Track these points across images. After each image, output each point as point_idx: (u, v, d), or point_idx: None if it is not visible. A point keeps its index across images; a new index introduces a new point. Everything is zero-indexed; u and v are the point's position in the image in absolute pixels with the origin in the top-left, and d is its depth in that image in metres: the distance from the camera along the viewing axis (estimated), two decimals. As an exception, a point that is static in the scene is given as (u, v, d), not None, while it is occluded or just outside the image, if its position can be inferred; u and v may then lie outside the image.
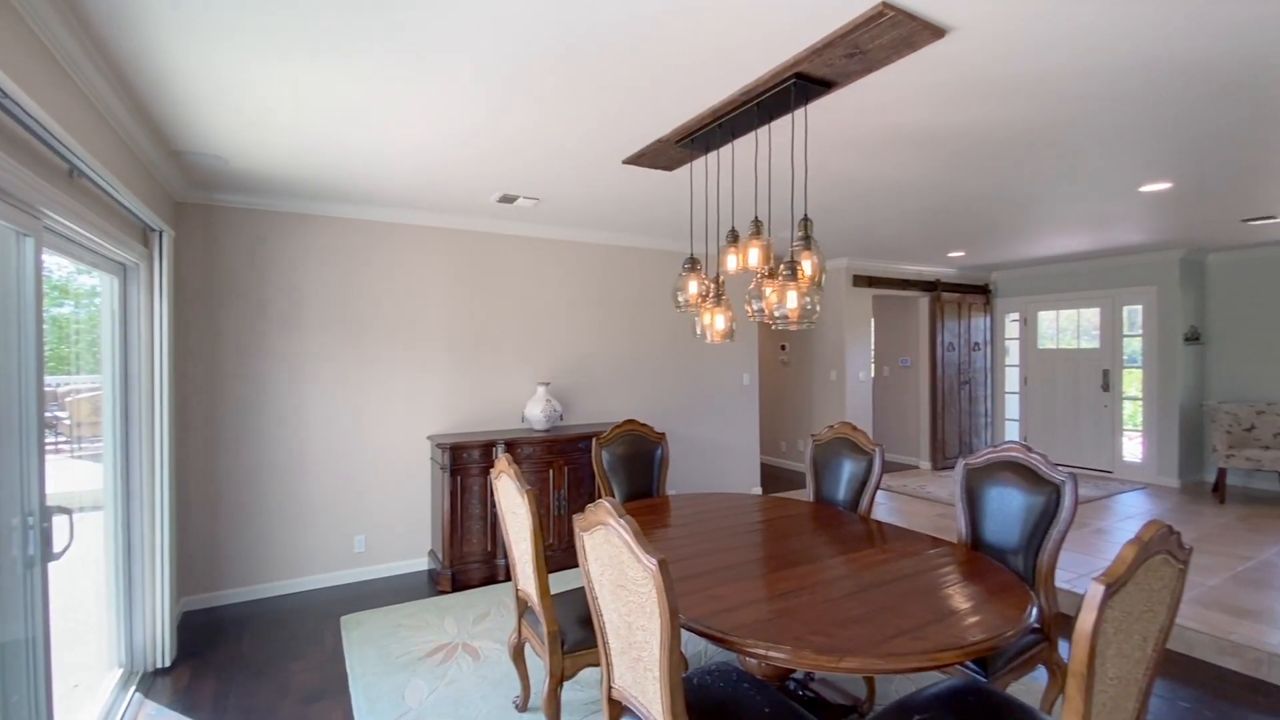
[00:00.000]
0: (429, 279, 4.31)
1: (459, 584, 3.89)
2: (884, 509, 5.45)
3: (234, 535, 3.75)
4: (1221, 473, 5.56)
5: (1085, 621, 1.21)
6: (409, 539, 4.24)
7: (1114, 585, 1.21)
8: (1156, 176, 3.47)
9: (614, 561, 1.50)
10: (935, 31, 1.84)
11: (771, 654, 1.51)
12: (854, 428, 3.09)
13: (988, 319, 7.65)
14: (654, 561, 1.35)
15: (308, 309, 3.93)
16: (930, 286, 7.19)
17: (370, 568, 4.11)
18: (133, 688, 2.73)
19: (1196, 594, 3.43)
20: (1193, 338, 6.27)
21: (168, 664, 2.90)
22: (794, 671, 2.57)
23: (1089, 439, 6.87)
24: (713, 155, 3.09)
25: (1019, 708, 1.71)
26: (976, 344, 7.54)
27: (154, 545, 2.85)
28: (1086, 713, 1.25)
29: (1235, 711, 2.53)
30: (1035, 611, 1.73)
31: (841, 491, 3.05)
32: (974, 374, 7.51)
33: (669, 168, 3.21)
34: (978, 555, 2.21)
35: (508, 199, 3.83)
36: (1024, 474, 2.38)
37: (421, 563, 4.28)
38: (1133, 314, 6.55)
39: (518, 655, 2.45)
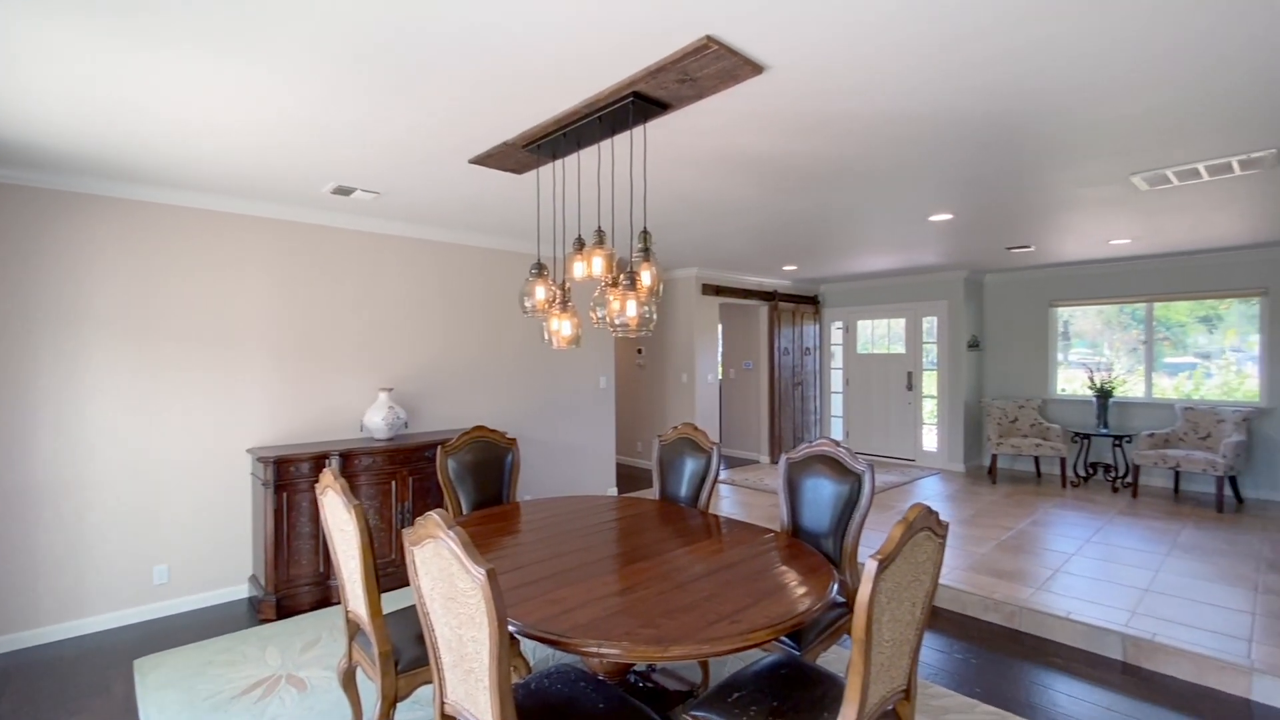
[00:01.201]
0: (251, 275, 3.88)
1: (286, 610, 3.54)
2: (727, 502, 5.83)
3: (-16, 577, 3.11)
4: (994, 458, 6.66)
5: (863, 593, 1.40)
6: (224, 565, 3.78)
7: (885, 561, 1.41)
8: (941, 208, 4.08)
9: (444, 574, 1.47)
10: (754, 68, 2.02)
11: (603, 650, 1.57)
12: (695, 428, 3.28)
13: (817, 326, 8.48)
14: (482, 571, 1.34)
15: (92, 305, 3.36)
16: (769, 296, 7.81)
17: (174, 601, 3.61)
18: None
19: (969, 561, 4.07)
20: (973, 345, 7.45)
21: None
22: (634, 665, 2.67)
23: (897, 432, 7.88)
24: (562, 162, 3.12)
25: (823, 675, 1.93)
26: (807, 349, 8.32)
27: None
28: (866, 673, 1.45)
29: (997, 658, 3.05)
30: (837, 587, 1.97)
31: (684, 489, 3.22)
32: (805, 376, 8.29)
33: (518, 170, 3.19)
34: (796, 541, 2.45)
35: (343, 191, 3.57)
36: (833, 465, 2.68)
37: (240, 590, 3.83)
38: (930, 324, 7.62)
39: (348, 681, 2.29)
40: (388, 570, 3.95)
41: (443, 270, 4.79)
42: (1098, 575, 3.80)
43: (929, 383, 7.66)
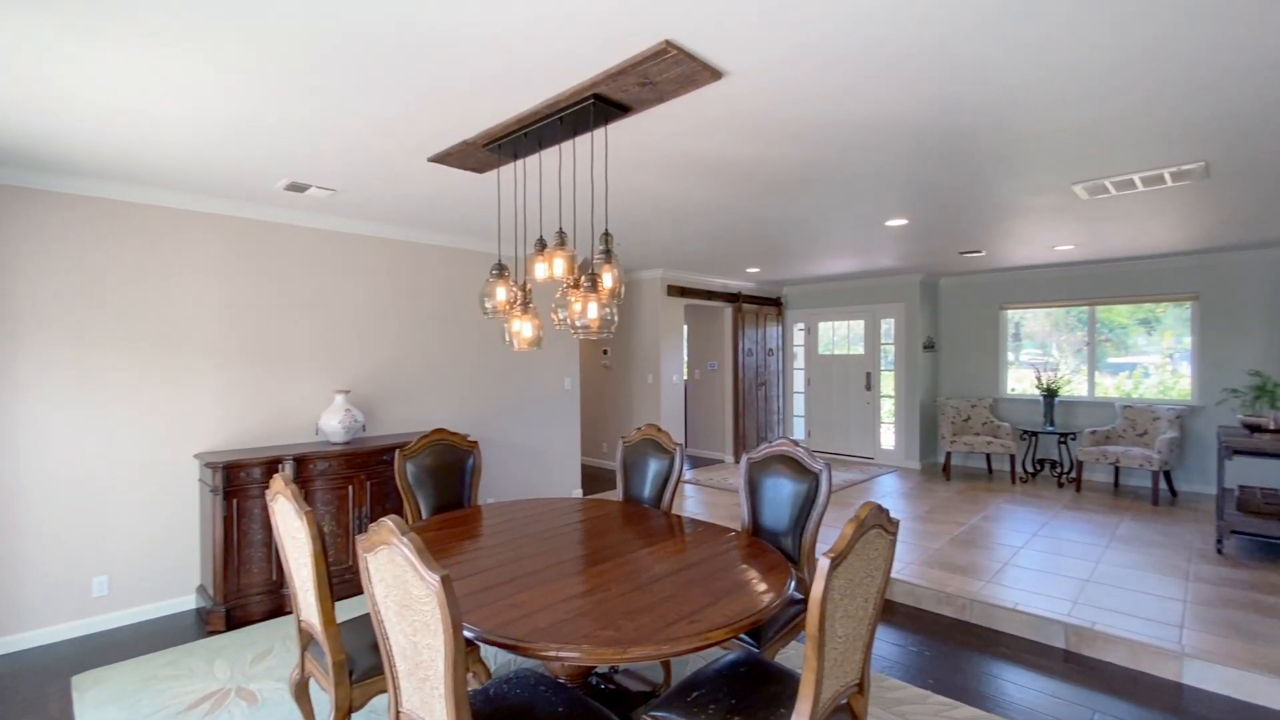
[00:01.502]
0: (200, 272, 3.74)
1: (236, 621, 3.42)
2: (692, 501, 5.88)
3: (-98, 593, 2.92)
4: (948, 456, 6.87)
5: (816, 591, 1.43)
6: (170, 575, 3.64)
7: (838, 558, 1.45)
8: (897, 214, 4.19)
9: (398, 581, 1.44)
10: (713, 73, 2.05)
11: (562, 654, 1.57)
12: (659, 429, 3.29)
13: (780, 328, 8.62)
14: (436, 577, 1.32)
15: (27, 304, 3.19)
16: (733, 298, 7.90)
17: (116, 614, 3.45)
18: None
19: (924, 556, 4.20)
20: (929, 346, 7.67)
21: None
22: (596, 667, 2.67)
23: (856, 430, 8.06)
24: (524, 162, 3.10)
25: (781, 672, 1.96)
26: (771, 350, 8.45)
27: None
28: (820, 668, 1.49)
29: (949, 649, 3.15)
30: (794, 584, 2.00)
31: (648, 489, 3.24)
32: (769, 376, 8.41)
33: (478, 170, 3.16)
34: (756, 540, 2.49)
35: (297, 187, 3.47)
36: (792, 465, 2.73)
37: (188, 601, 3.69)
38: (888, 326, 7.82)
39: (301, 692, 2.23)
40: (345, 577, 3.86)
41: (402, 269, 4.70)
42: (1043, 567, 3.96)
43: (887, 383, 7.85)
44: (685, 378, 8.68)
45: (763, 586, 1.96)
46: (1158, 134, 2.70)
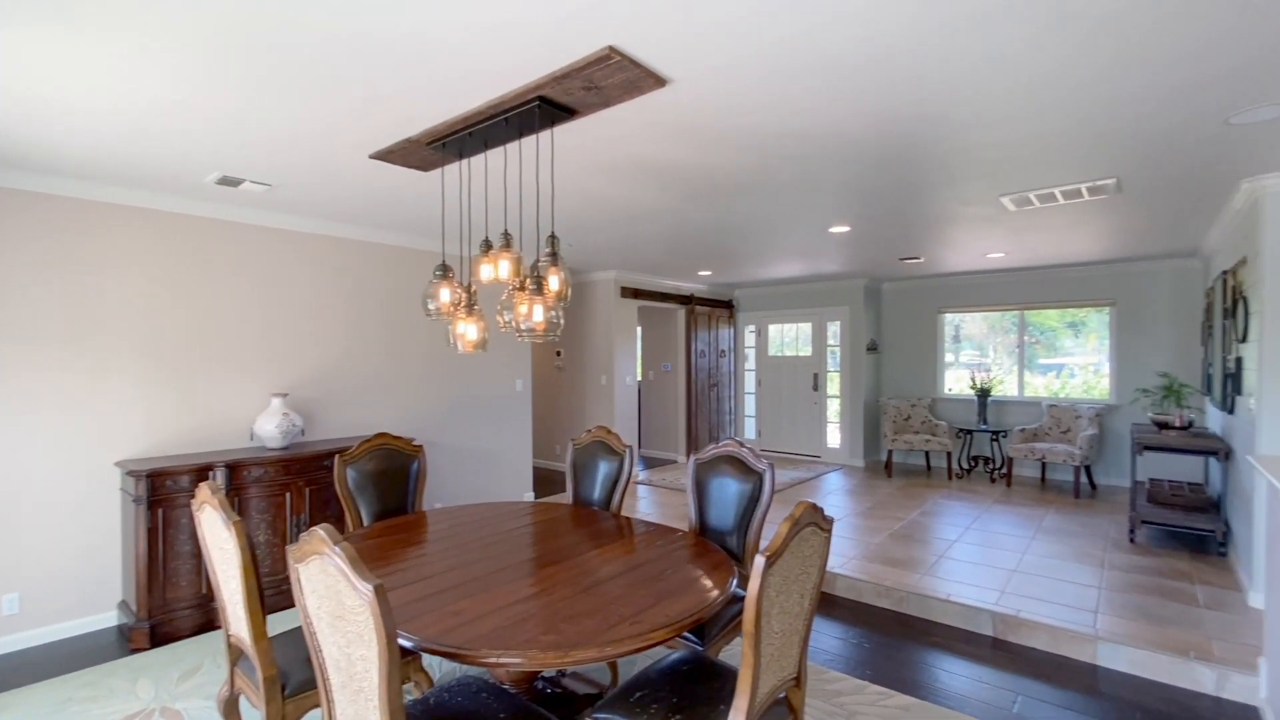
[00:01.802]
0: (124, 268, 3.54)
1: (162, 637, 3.25)
2: (645, 502, 5.91)
3: None
4: (889, 454, 7.13)
5: (752, 589, 1.47)
6: (89, 590, 3.42)
7: (773, 556, 1.49)
8: (839, 221, 4.33)
9: (331, 592, 1.41)
10: (658, 80, 2.08)
11: (503, 660, 1.56)
12: (609, 431, 3.30)
13: (732, 330, 8.76)
14: (369, 587, 1.30)
15: (-82, 302, 2.95)
16: (686, 300, 7.99)
17: (27, 633, 3.23)
18: None
19: (865, 550, 4.35)
20: (872, 348, 7.94)
21: None
22: (541, 672, 2.66)
23: (804, 430, 8.27)
24: (470, 162, 3.06)
25: (723, 669, 2.00)
26: (723, 351, 8.58)
27: None
28: (757, 664, 1.52)
29: (887, 640, 3.27)
30: (736, 582, 2.05)
31: (598, 491, 3.24)
32: (721, 377, 8.53)
33: (423, 168, 3.10)
34: (702, 540, 2.53)
35: (230, 181, 3.33)
36: (737, 465, 2.79)
37: (109, 618, 3.48)
38: (834, 328, 8.05)
39: (230, 710, 2.14)
40: (282, 589, 3.71)
41: (344, 267, 4.56)
42: (975, 559, 4.16)
43: (833, 383, 8.09)
44: (639, 379, 8.72)
45: (706, 585, 1.99)
46: (1074, 152, 2.88)
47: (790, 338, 8.52)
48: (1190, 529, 4.30)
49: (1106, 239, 5.04)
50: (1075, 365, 7.03)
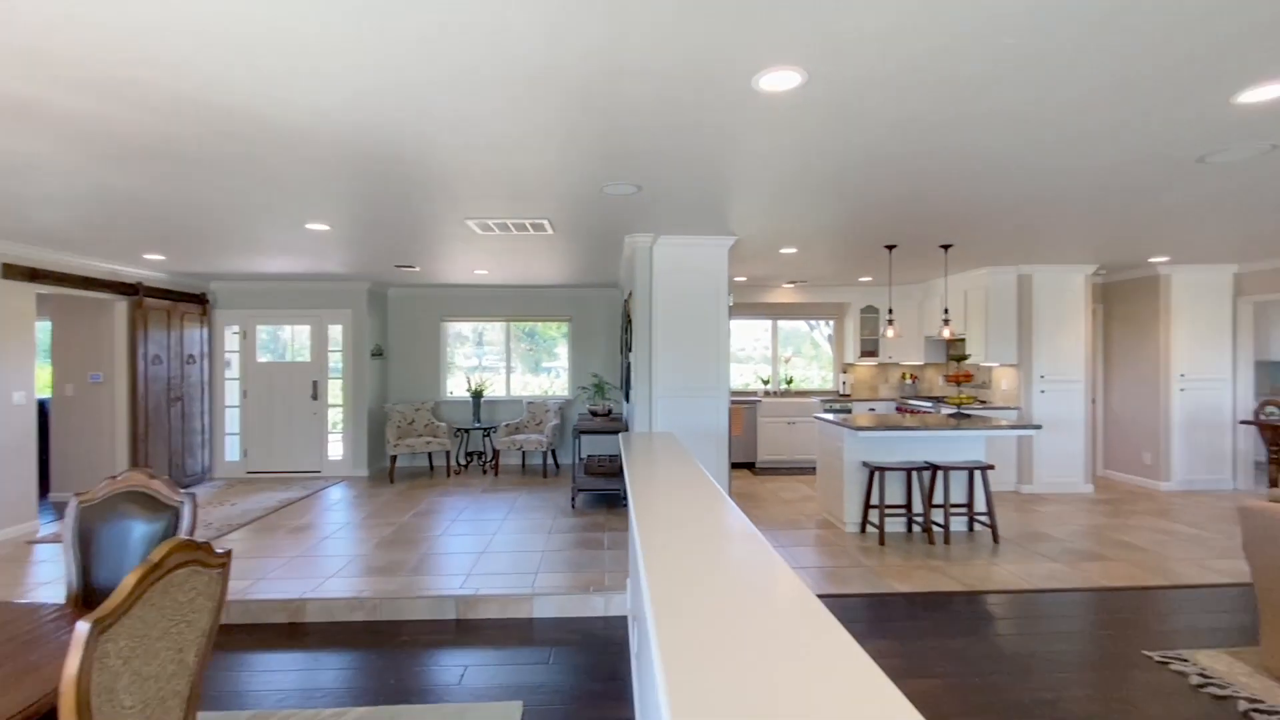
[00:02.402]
0: None
1: None
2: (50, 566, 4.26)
3: None
4: (393, 459, 7.15)
5: (69, 668, 1.16)
6: None
7: (106, 619, 1.22)
8: (316, 219, 4.06)
9: None
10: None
11: None
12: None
13: (206, 330, 7.25)
14: None
15: None
16: (131, 290, 6.19)
17: None
18: None
19: (346, 566, 4.19)
20: (377, 353, 7.83)
21: None
22: None
23: (302, 444, 7.52)
24: None
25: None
26: (192, 356, 7.01)
27: None
28: (89, 758, 1.21)
29: (356, 654, 3.19)
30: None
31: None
32: (189, 389, 6.95)
33: None
34: (81, 611, 1.93)
35: None
36: (145, 502, 2.26)
37: None
38: (336, 332, 7.59)
39: None
40: None
41: None
42: (453, 549, 4.52)
43: (335, 391, 7.61)
44: (46, 397, 6.32)
45: (52, 670, 1.51)
46: (509, 192, 3.44)
47: (285, 342, 7.61)
48: (608, 490, 5.73)
49: (561, 267, 6.26)
50: (561, 368, 8.52)
